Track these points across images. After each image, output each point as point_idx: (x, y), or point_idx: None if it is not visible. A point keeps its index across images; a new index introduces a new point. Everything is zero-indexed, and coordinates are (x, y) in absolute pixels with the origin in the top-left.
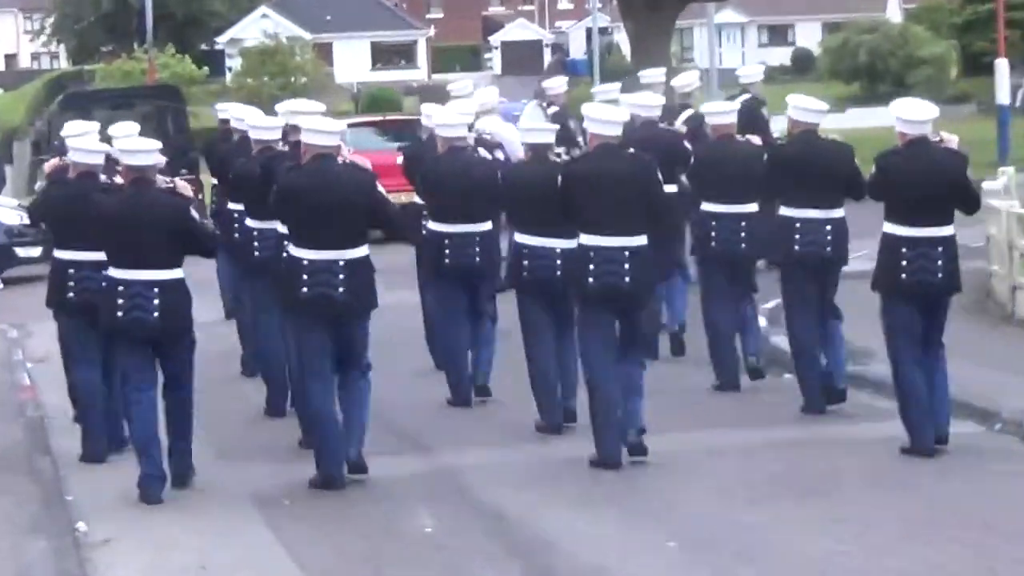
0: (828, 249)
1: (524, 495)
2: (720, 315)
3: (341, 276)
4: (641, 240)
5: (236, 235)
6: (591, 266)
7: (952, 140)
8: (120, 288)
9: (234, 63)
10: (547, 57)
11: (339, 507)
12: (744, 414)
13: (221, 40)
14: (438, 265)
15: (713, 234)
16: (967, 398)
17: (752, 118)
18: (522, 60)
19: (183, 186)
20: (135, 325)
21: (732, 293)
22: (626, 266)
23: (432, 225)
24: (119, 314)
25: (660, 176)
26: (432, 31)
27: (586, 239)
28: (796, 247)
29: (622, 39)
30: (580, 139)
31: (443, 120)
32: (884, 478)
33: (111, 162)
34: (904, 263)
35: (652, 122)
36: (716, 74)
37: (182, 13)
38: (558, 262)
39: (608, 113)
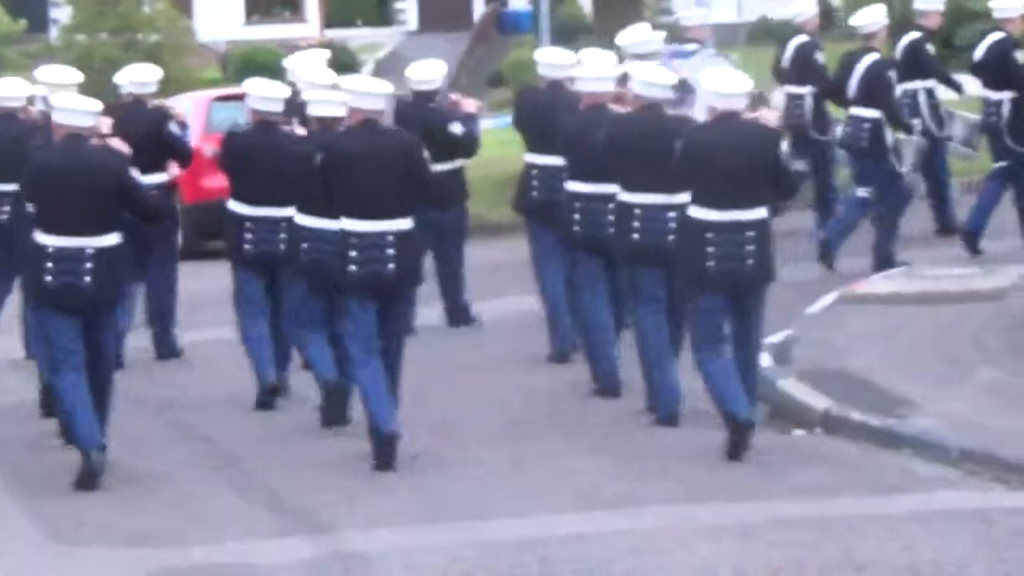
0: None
1: None
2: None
3: (88, 265)
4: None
5: None
6: (352, 252)
7: (770, 116)
8: None
9: (61, 14)
10: (479, 7)
11: None
12: (742, 482)
13: None
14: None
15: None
16: None
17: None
18: (446, 12)
19: None
20: None
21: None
22: (390, 251)
23: (233, 205)
24: None
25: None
26: None
27: (347, 223)
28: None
29: None
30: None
31: (256, 92)
32: (926, 571)
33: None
34: (710, 250)
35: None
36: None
37: None
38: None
39: (370, 85)
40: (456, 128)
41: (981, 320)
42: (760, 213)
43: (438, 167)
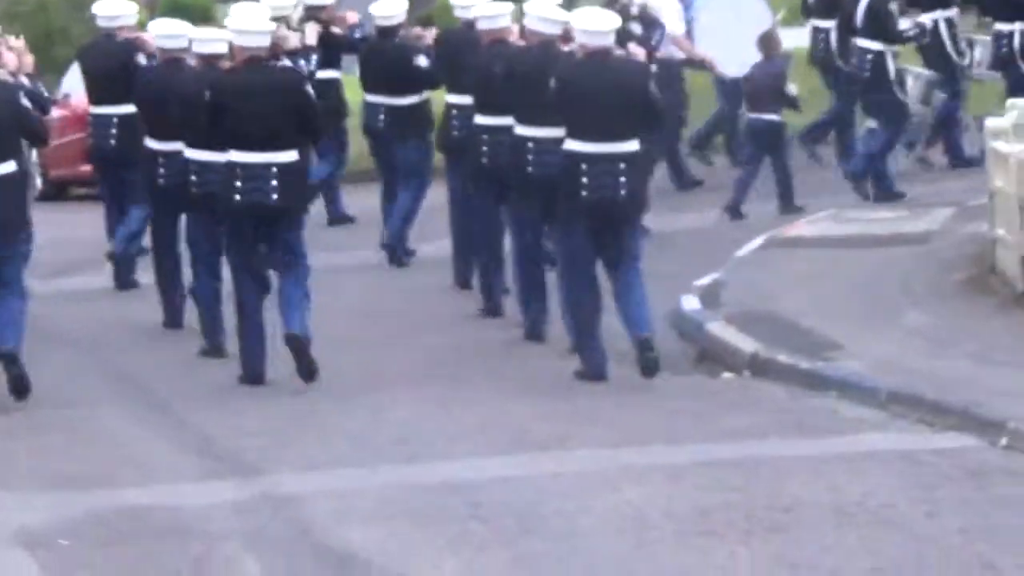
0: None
1: (382, 534)
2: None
3: None
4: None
5: None
6: (237, 183)
7: (639, 52)
8: None
9: None
10: None
11: (137, 548)
12: (670, 425)
13: None
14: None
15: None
16: (963, 403)
17: None
18: None
19: None
20: None
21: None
22: (273, 183)
23: (147, 141)
24: None
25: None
26: None
27: (233, 155)
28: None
29: None
30: None
31: (160, 31)
32: (853, 511)
33: None
34: (584, 181)
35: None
36: None
37: None
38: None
39: (255, 23)
40: (422, 61)
41: (908, 263)
42: (632, 145)
43: (404, 100)
